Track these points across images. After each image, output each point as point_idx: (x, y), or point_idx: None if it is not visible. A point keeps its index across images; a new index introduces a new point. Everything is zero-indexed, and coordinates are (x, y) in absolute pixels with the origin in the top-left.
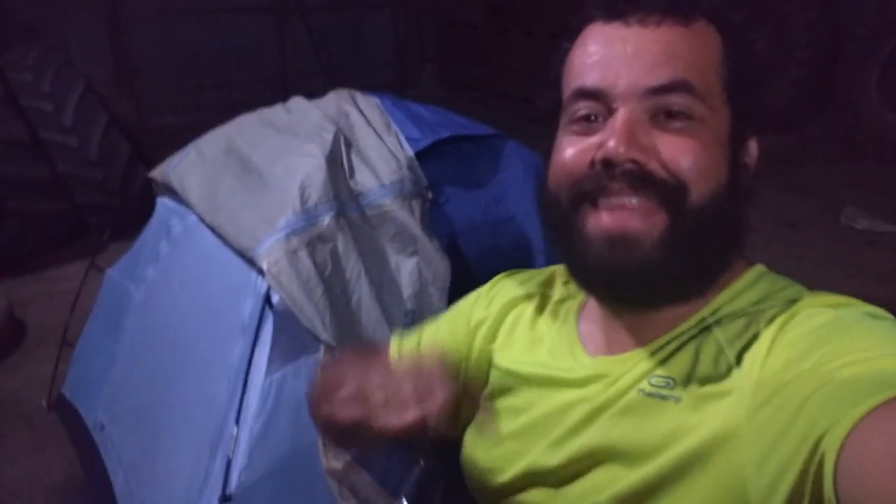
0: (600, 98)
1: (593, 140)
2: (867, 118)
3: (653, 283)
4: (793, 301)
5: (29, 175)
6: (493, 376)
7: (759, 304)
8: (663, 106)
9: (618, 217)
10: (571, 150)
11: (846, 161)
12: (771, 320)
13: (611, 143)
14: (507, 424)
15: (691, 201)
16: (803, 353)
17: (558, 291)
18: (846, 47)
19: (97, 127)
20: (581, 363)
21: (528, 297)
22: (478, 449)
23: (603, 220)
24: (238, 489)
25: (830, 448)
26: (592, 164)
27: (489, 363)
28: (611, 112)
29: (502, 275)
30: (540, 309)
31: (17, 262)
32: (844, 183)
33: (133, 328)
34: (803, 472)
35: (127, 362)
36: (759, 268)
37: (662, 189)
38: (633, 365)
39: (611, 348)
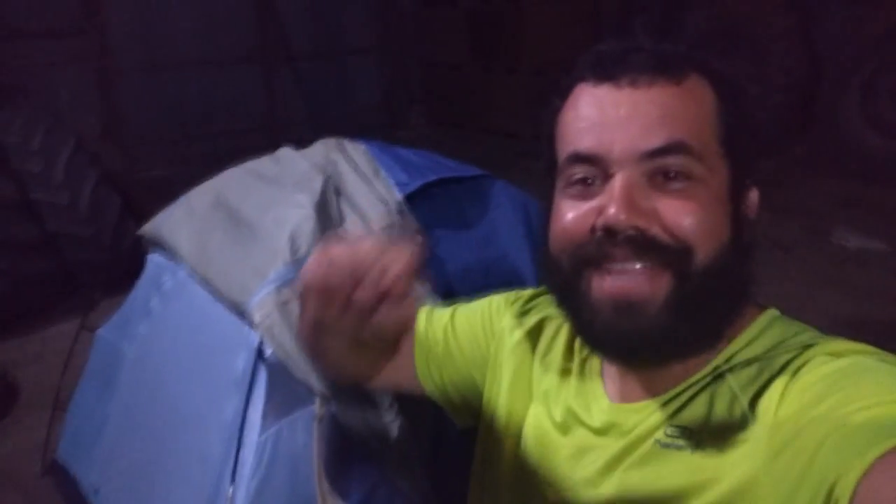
0: (596, 162)
1: (592, 205)
2: (850, 138)
3: (660, 345)
4: (806, 347)
5: (19, 235)
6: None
7: (772, 350)
8: (661, 168)
9: (622, 282)
10: (571, 215)
11: (832, 181)
12: (784, 367)
13: (611, 211)
14: (534, 457)
15: (696, 263)
16: (816, 400)
17: None
18: (826, 70)
19: (87, 183)
20: (600, 406)
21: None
22: (499, 480)
23: (606, 286)
24: None
25: (843, 495)
26: (593, 230)
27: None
28: (608, 176)
29: (533, 293)
30: (574, 336)
31: (7, 324)
32: (832, 203)
33: (125, 387)
34: None
35: (120, 422)
36: (772, 312)
37: (666, 253)
38: (649, 415)
39: (626, 395)
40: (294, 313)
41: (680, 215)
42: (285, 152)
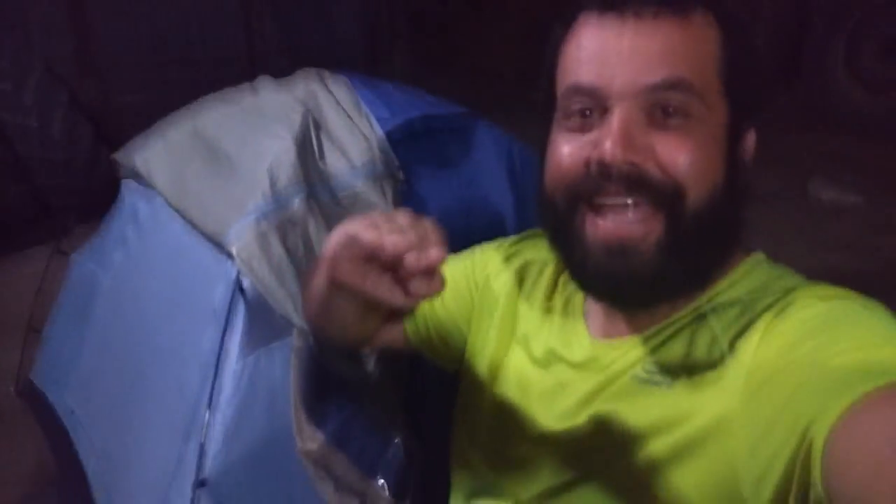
0: (595, 95)
1: (588, 138)
2: (834, 90)
3: (651, 288)
4: (788, 291)
5: None
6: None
7: (755, 293)
8: (660, 103)
9: (615, 224)
10: (567, 148)
11: (814, 132)
12: (765, 309)
13: (607, 146)
14: (513, 395)
15: (688, 204)
16: (796, 343)
17: None
18: (813, 19)
19: (58, 107)
20: (581, 342)
21: (546, 262)
22: (478, 420)
23: (600, 228)
24: (212, 474)
25: (818, 436)
26: (588, 164)
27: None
28: (606, 110)
29: (517, 238)
30: (557, 276)
31: None
32: (812, 154)
33: (102, 314)
34: (792, 461)
35: (96, 348)
36: (757, 256)
37: (659, 191)
38: (627, 350)
39: (608, 331)
40: (273, 245)
41: (675, 153)
42: (264, 83)
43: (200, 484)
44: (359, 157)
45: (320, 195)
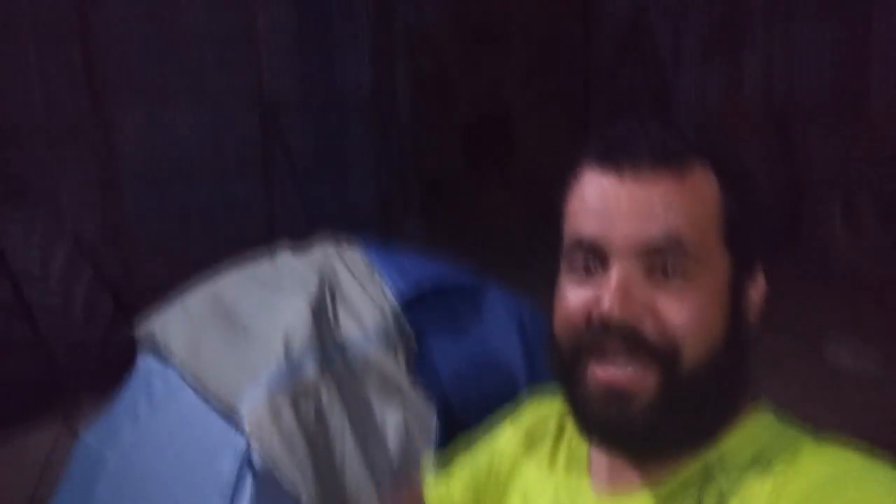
0: (596, 249)
1: (591, 293)
2: (836, 253)
3: (647, 439)
4: (796, 448)
5: (9, 336)
6: None
7: (763, 448)
8: (658, 263)
9: (613, 373)
10: (571, 300)
11: (822, 297)
12: (773, 468)
13: (605, 305)
14: None
15: (684, 363)
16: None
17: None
18: (808, 184)
19: (82, 283)
20: (585, 499)
21: (549, 416)
22: None
23: (599, 375)
24: None
25: None
26: (589, 318)
27: None
28: (607, 265)
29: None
30: (561, 429)
31: None
32: (823, 319)
33: (105, 494)
34: None
35: None
36: (766, 410)
37: (655, 352)
38: None
39: (613, 486)
40: (285, 418)
41: (671, 315)
42: (282, 255)
43: None
44: (372, 324)
45: (334, 362)
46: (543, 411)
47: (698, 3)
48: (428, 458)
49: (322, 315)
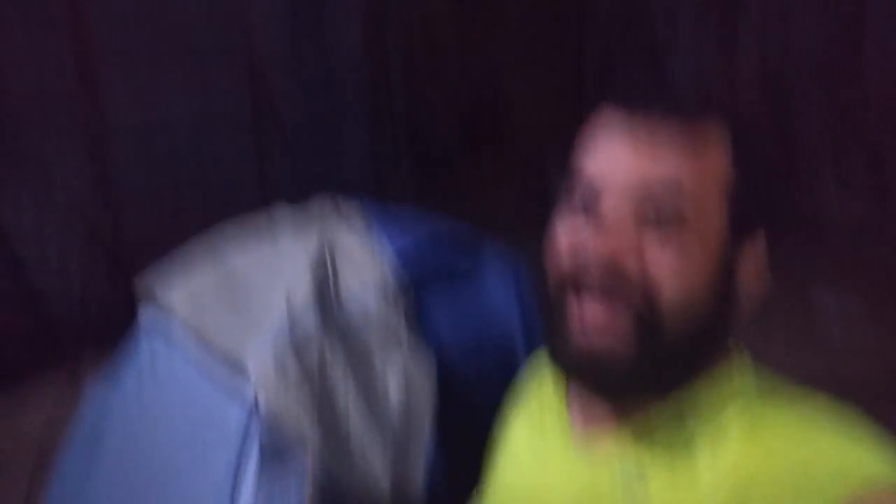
0: (594, 186)
1: (582, 229)
2: (825, 200)
3: (620, 382)
4: (765, 397)
5: (2, 301)
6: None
7: (736, 397)
8: (653, 206)
9: (592, 317)
10: (562, 231)
11: (810, 242)
12: (742, 414)
13: (593, 242)
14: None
15: (662, 310)
16: (774, 452)
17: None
18: (800, 142)
19: (77, 241)
20: (563, 432)
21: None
22: None
23: (579, 316)
24: None
25: None
26: (576, 255)
27: None
28: (602, 205)
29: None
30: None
31: None
32: (811, 265)
33: (114, 446)
34: None
35: (106, 480)
36: (741, 357)
37: (633, 292)
38: (607, 452)
39: (588, 423)
40: (289, 365)
41: (657, 258)
42: (281, 211)
43: None
44: (372, 278)
45: (336, 315)
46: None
47: None
48: None
49: (322, 270)
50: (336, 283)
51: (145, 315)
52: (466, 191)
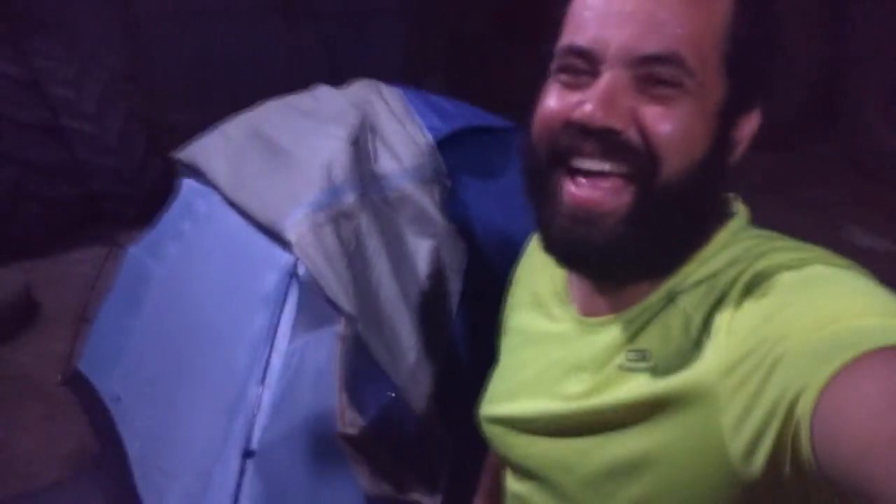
0: (589, 58)
1: (575, 98)
2: (871, 139)
3: (612, 261)
4: (758, 258)
5: (48, 159)
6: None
7: (727, 266)
8: (651, 74)
9: (586, 191)
10: (553, 103)
11: (849, 181)
12: (735, 282)
13: (587, 108)
14: (517, 377)
15: (662, 175)
16: (769, 315)
17: None
18: (850, 70)
19: (116, 116)
20: (567, 313)
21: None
22: (494, 404)
23: (571, 191)
24: (260, 445)
25: (804, 412)
26: (569, 123)
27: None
28: (597, 73)
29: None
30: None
31: (33, 246)
32: (847, 202)
33: (153, 304)
34: (780, 436)
35: (145, 336)
36: (735, 224)
37: (634, 159)
38: (607, 337)
39: (586, 307)
40: (327, 236)
41: (657, 121)
42: (323, 89)
43: (248, 454)
44: (409, 160)
45: (372, 193)
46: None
47: None
48: None
49: (361, 147)
50: (374, 162)
51: (185, 182)
52: (496, 73)
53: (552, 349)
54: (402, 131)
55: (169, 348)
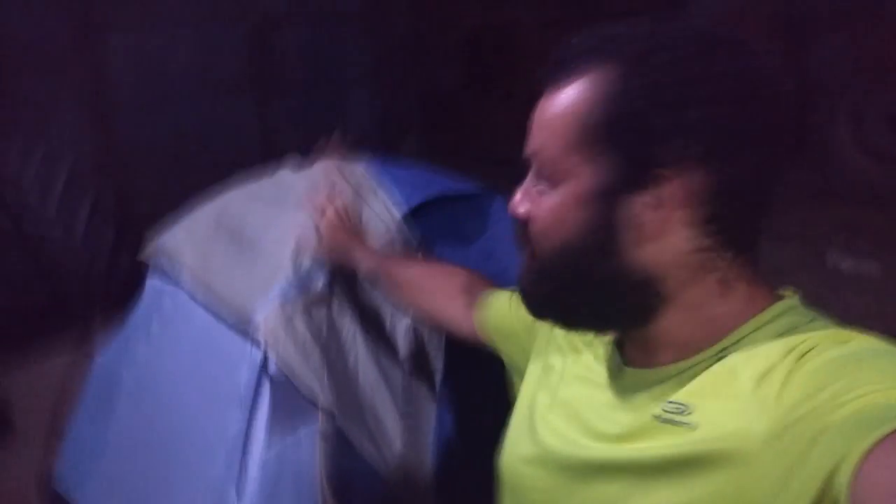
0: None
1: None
2: (843, 164)
3: (538, 312)
4: (811, 335)
5: (12, 267)
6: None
7: (780, 336)
8: (534, 171)
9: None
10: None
11: (826, 207)
12: (788, 352)
13: (510, 203)
14: (550, 415)
15: (540, 255)
16: (818, 387)
17: None
18: (815, 94)
19: (81, 215)
20: (611, 355)
21: None
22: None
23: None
24: None
25: (842, 484)
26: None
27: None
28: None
29: None
30: None
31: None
32: (826, 229)
33: (124, 412)
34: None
35: (119, 447)
36: (789, 301)
37: (528, 239)
38: (648, 385)
39: (632, 356)
40: (298, 327)
41: (534, 211)
42: (284, 174)
43: None
44: (377, 240)
45: (344, 273)
46: None
47: None
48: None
49: None
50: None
51: (151, 280)
52: (472, 128)
53: (592, 390)
54: (367, 209)
55: (145, 458)
